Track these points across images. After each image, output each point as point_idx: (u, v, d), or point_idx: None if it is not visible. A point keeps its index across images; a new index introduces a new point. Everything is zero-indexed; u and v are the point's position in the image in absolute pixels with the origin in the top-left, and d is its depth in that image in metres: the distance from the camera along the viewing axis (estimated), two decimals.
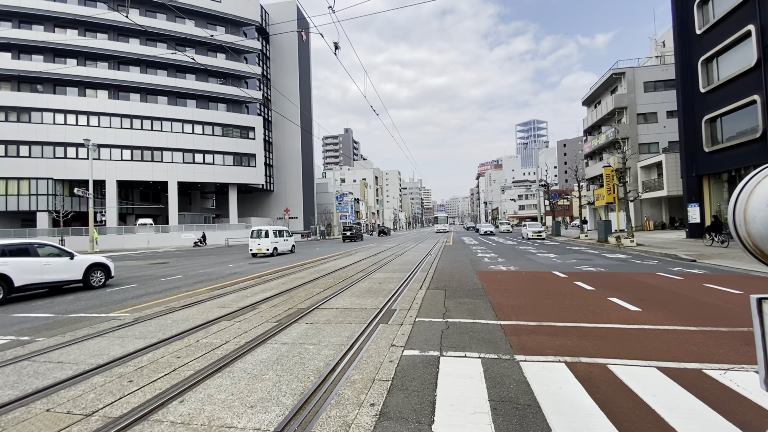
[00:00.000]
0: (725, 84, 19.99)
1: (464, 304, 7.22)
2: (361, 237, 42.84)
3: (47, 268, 10.20)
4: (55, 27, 41.35)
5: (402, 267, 13.63)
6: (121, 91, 43.85)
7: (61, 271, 10.57)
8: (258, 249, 21.80)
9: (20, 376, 4.21)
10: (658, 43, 42.73)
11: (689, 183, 22.99)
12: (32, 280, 9.89)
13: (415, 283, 9.74)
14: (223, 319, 6.51)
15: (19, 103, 39.76)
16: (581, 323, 5.75)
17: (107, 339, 5.57)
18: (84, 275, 11.09)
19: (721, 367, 3.92)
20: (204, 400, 3.44)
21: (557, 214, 46.54)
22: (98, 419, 3.16)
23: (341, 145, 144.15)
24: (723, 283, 9.00)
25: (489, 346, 4.78)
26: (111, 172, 41.84)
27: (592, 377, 3.74)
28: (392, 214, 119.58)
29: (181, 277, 13.36)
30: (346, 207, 70.31)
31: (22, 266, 9.68)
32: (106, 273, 11.78)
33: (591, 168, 44.19)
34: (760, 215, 1.66)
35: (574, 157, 62.79)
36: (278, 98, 56.46)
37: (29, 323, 7.03)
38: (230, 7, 47.46)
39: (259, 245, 21.80)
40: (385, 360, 4.33)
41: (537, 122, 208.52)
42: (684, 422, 2.88)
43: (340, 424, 2.97)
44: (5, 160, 39.14)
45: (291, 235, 25.47)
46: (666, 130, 34.38)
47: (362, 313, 6.69)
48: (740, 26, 18.66)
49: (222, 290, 9.74)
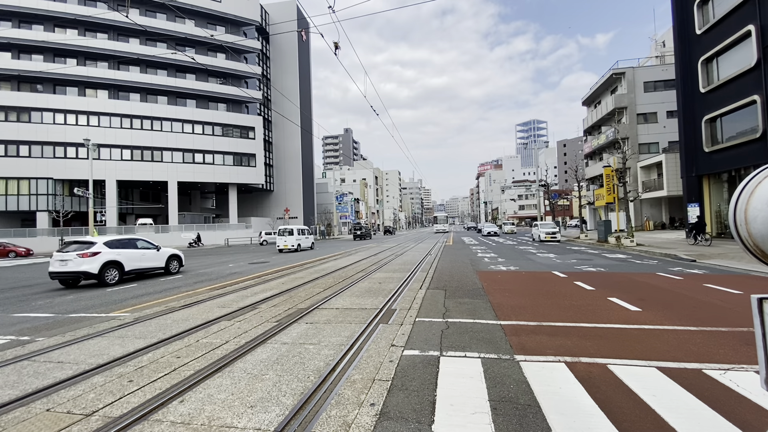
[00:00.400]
0: (725, 84, 19.99)
1: (464, 304, 7.22)
2: (369, 236, 47.76)
3: (143, 258, 13.24)
4: (55, 27, 41.36)
5: (402, 267, 13.62)
6: (121, 91, 43.86)
7: (152, 260, 13.54)
8: (284, 245, 25.02)
9: (20, 376, 4.21)
10: (658, 43, 42.74)
11: (689, 183, 22.99)
12: (135, 266, 12.87)
13: (415, 283, 9.74)
14: (223, 319, 6.51)
15: (19, 103, 39.76)
16: (581, 323, 5.75)
17: (107, 339, 5.57)
18: (165, 263, 13.97)
19: (721, 367, 3.92)
20: (204, 400, 3.43)
21: (557, 214, 46.51)
22: (98, 419, 3.16)
23: (341, 145, 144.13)
24: (723, 283, 9.00)
25: (489, 346, 4.78)
26: (111, 172, 41.85)
27: (592, 377, 3.74)
28: (392, 214, 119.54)
29: (181, 276, 13.36)
30: (346, 207, 70.31)
31: (129, 256, 12.71)
32: (179, 262, 14.65)
33: (591, 168, 44.20)
34: (761, 215, 1.66)
35: (574, 157, 62.81)
36: (278, 98, 56.46)
37: (29, 323, 7.03)
38: (230, 6, 47.46)
39: (285, 242, 25.04)
40: (385, 360, 4.33)
41: (537, 122, 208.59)
42: (684, 422, 2.88)
43: (340, 423, 2.97)
44: (5, 159, 39.14)
45: (311, 234, 28.90)
46: (666, 130, 34.39)
47: (362, 313, 6.69)
48: (740, 26, 18.66)
49: (222, 290, 9.74)
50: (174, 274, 13.99)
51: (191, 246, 37.94)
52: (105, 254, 12.02)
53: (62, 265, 11.58)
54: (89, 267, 11.63)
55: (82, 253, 11.69)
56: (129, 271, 12.66)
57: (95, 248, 11.92)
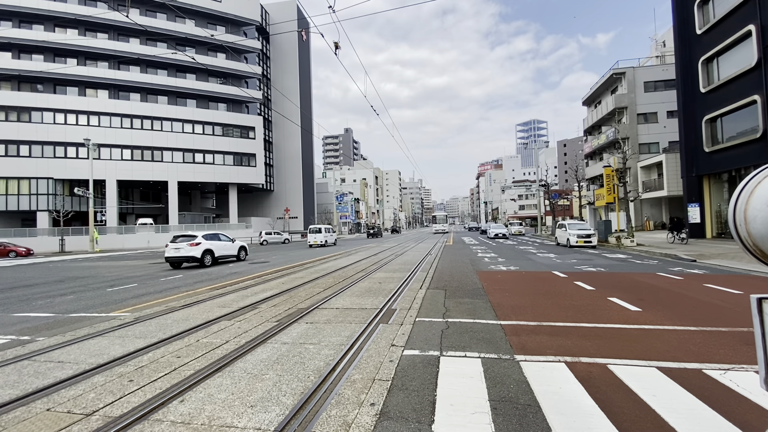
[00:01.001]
0: (725, 84, 19.98)
1: (464, 304, 7.22)
2: (380, 234, 55.76)
3: (225, 247, 17.49)
4: (55, 27, 41.37)
5: (402, 267, 13.62)
6: (122, 91, 43.86)
7: (230, 249, 17.83)
8: (315, 241, 30.32)
9: (21, 376, 4.21)
10: (659, 43, 42.71)
11: (689, 183, 22.99)
12: (221, 253, 17.12)
13: (415, 283, 9.74)
14: (223, 319, 6.51)
15: (19, 103, 39.77)
16: (581, 323, 5.75)
17: (107, 338, 5.57)
18: (237, 252, 18.23)
19: (721, 367, 3.92)
20: (204, 400, 3.44)
21: (557, 214, 46.41)
22: (98, 419, 3.16)
23: (341, 144, 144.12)
24: (723, 283, 9.00)
25: (489, 345, 4.78)
26: (111, 172, 41.85)
27: (592, 377, 3.74)
28: (392, 213, 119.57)
29: (181, 276, 13.36)
30: (346, 207, 70.34)
31: (217, 246, 16.98)
32: (245, 252, 19.02)
33: (591, 168, 44.19)
34: (761, 215, 1.66)
35: (574, 157, 62.83)
36: (278, 98, 56.46)
37: (29, 323, 7.03)
38: (230, 6, 47.46)
39: (315, 239, 30.43)
40: (386, 360, 4.33)
41: (537, 122, 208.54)
42: (684, 422, 2.88)
43: (340, 423, 2.97)
44: (6, 159, 39.15)
45: (335, 232, 35.67)
46: (666, 130, 34.38)
47: (362, 312, 6.69)
48: (741, 26, 18.66)
49: (222, 290, 9.74)
50: (242, 261, 18.21)
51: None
52: (204, 244, 16.02)
53: (176, 251, 15.55)
54: (195, 252, 15.64)
55: (190, 243, 15.70)
56: (218, 257, 16.72)
57: (197, 240, 16.00)
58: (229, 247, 17.68)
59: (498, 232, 33.88)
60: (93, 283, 12.10)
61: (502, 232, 34.34)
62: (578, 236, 21.08)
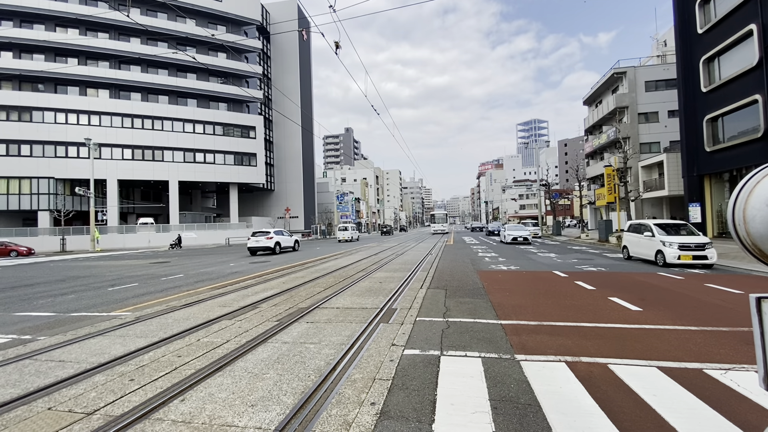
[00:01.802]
0: (727, 83, 19.95)
1: (465, 304, 7.22)
2: (391, 232, 64.82)
3: (286, 240, 23.45)
4: (56, 26, 41.38)
5: (402, 266, 13.63)
6: (122, 91, 43.88)
7: (289, 242, 23.92)
8: (344, 237, 37.68)
9: (22, 375, 4.22)
10: (660, 43, 42.62)
11: (690, 183, 22.96)
12: (285, 245, 22.99)
13: (416, 283, 9.75)
14: (223, 318, 6.52)
15: (20, 103, 39.79)
16: (582, 323, 5.75)
17: (108, 338, 5.58)
18: (293, 244, 24.44)
19: (721, 367, 3.92)
20: (205, 399, 3.44)
21: (558, 214, 46.35)
22: (99, 418, 3.17)
23: (342, 144, 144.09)
24: (723, 282, 9.00)
25: (489, 345, 4.79)
26: (112, 172, 41.87)
27: (593, 377, 3.75)
28: (393, 213, 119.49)
29: (182, 276, 13.38)
30: (347, 206, 70.30)
31: (282, 239, 22.68)
32: (298, 244, 25.33)
33: (592, 167, 44.13)
34: (760, 215, 1.66)
35: (575, 156, 62.73)
36: (279, 97, 56.45)
37: (30, 322, 7.04)
38: (231, 6, 47.44)
39: (344, 235, 37.79)
40: (386, 359, 4.34)
41: (538, 122, 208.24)
42: (684, 422, 2.88)
43: (340, 423, 2.98)
44: (7, 159, 39.19)
45: (357, 229, 42.88)
46: (667, 130, 34.31)
47: (363, 312, 6.70)
48: (742, 25, 18.62)
49: (223, 289, 9.75)
50: (296, 251, 23.74)
51: (172, 248, 34.38)
52: (275, 238, 21.71)
53: (257, 242, 21.46)
54: (270, 243, 21.46)
55: (267, 237, 21.63)
56: (283, 247, 22.54)
57: (271, 235, 21.86)
58: (288, 240, 23.81)
59: (519, 235, 25.14)
60: (94, 283, 12.12)
61: (523, 234, 25.29)
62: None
